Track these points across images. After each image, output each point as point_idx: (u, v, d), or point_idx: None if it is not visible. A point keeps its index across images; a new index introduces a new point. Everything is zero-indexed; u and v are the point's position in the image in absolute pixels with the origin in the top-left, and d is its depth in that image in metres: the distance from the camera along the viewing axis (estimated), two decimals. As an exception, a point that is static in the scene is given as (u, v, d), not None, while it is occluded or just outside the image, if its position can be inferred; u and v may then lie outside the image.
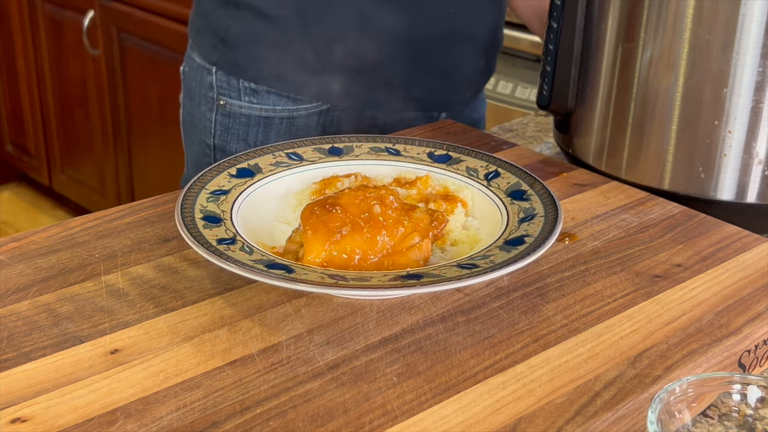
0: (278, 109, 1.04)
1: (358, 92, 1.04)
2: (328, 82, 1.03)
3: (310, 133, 1.06)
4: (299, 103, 1.04)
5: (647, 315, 0.64)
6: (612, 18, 0.85)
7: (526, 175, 0.76)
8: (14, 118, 3.03)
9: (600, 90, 0.87)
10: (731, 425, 0.55)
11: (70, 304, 0.63)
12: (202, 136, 1.10)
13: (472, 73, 1.13)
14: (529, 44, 1.85)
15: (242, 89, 1.04)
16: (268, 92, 1.04)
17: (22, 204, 3.17)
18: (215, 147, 1.08)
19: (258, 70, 1.04)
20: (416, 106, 1.08)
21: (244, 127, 1.06)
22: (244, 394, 0.54)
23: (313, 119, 1.05)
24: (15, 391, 0.54)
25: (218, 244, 0.64)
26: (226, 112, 1.06)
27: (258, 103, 1.04)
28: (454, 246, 0.70)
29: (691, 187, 0.83)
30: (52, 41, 2.71)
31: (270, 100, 1.04)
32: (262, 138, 1.05)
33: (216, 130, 1.08)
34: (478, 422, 0.53)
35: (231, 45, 1.04)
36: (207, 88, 1.07)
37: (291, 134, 1.05)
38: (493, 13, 1.10)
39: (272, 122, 1.05)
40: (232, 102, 1.05)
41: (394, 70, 1.04)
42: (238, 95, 1.05)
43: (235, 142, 1.07)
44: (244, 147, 1.06)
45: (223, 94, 1.06)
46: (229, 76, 1.05)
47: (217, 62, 1.06)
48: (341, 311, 0.63)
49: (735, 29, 0.78)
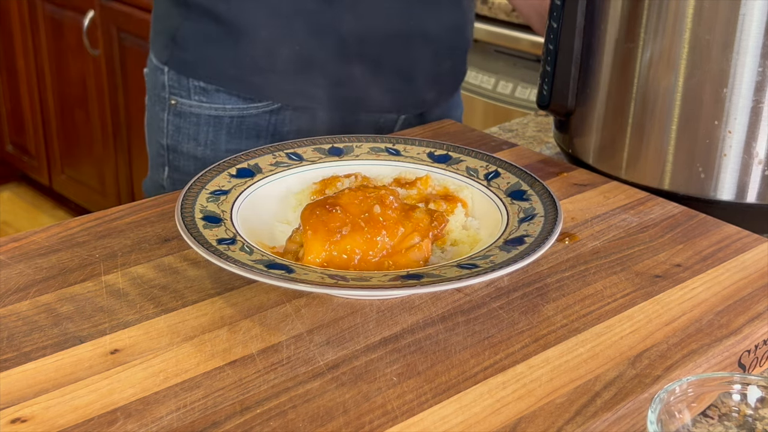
0: (228, 108, 1.03)
1: (309, 92, 1.03)
2: (277, 81, 1.02)
3: (260, 133, 1.05)
4: (249, 102, 1.03)
5: (647, 315, 0.64)
6: (612, 18, 0.85)
7: (526, 175, 0.76)
8: (14, 118, 3.03)
9: (600, 90, 0.87)
10: (731, 425, 0.55)
11: (70, 304, 0.63)
12: (157, 137, 1.09)
13: (434, 75, 1.10)
14: (529, 44, 1.85)
15: (192, 88, 1.04)
16: (217, 91, 1.03)
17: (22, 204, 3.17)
18: (168, 147, 1.07)
19: (207, 69, 1.03)
20: (372, 107, 1.07)
21: (195, 127, 1.05)
22: (244, 394, 0.54)
23: (264, 118, 1.04)
24: (15, 391, 0.54)
25: (218, 244, 0.64)
26: (177, 111, 1.05)
27: (208, 102, 1.04)
28: (454, 246, 0.70)
29: (691, 187, 0.83)
30: (52, 41, 2.71)
31: (220, 99, 1.03)
32: (212, 137, 1.04)
33: (168, 130, 1.07)
34: (478, 422, 0.53)
35: (181, 44, 1.04)
36: (160, 88, 1.07)
37: (242, 134, 1.04)
38: (452, 14, 1.08)
39: (222, 121, 1.04)
40: (182, 101, 1.05)
41: (346, 70, 1.03)
42: (189, 94, 1.04)
43: (186, 141, 1.06)
44: (194, 147, 1.05)
45: (174, 94, 1.05)
46: (180, 76, 1.04)
47: (167, 61, 1.05)
48: (341, 311, 0.63)
49: (735, 29, 0.78)
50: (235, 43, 1.00)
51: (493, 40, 1.93)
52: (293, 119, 1.04)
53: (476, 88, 1.98)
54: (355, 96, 1.05)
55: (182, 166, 1.06)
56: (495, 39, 1.92)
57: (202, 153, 1.05)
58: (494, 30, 1.92)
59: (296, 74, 1.02)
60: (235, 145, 1.04)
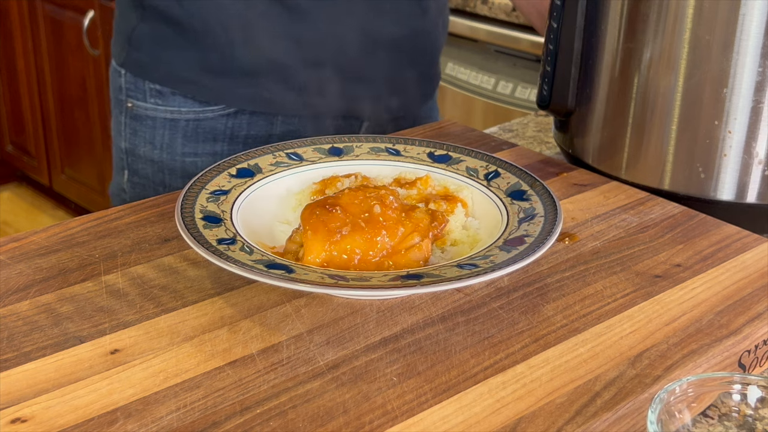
0: (184, 111, 1.02)
1: (265, 97, 1.02)
2: (233, 86, 1.01)
3: (217, 137, 1.03)
4: (206, 105, 1.02)
5: (647, 315, 0.64)
6: (612, 18, 0.85)
7: (526, 175, 0.76)
8: (14, 118, 3.03)
9: (600, 90, 0.87)
10: (731, 425, 0.55)
11: (70, 304, 0.63)
12: (117, 141, 1.08)
13: (397, 82, 1.08)
14: (529, 44, 1.85)
15: (148, 91, 1.03)
16: (173, 94, 1.02)
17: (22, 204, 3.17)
18: (126, 151, 1.06)
19: (162, 72, 1.02)
20: (330, 113, 1.05)
21: (151, 130, 1.03)
22: (244, 394, 0.54)
23: (220, 122, 1.03)
24: (15, 391, 0.54)
25: (218, 244, 0.64)
26: (134, 114, 1.04)
27: (164, 105, 1.02)
28: (454, 246, 0.70)
29: (691, 187, 0.83)
30: (52, 41, 2.71)
31: (176, 102, 1.02)
32: (168, 140, 1.03)
33: (126, 134, 1.06)
34: (478, 422, 0.53)
35: (136, 46, 1.03)
36: (118, 90, 1.06)
37: (198, 137, 1.03)
38: (416, 20, 1.06)
39: (178, 124, 1.03)
40: (138, 104, 1.03)
41: (304, 76, 1.01)
42: (144, 97, 1.03)
43: (143, 145, 1.04)
44: (151, 150, 1.04)
45: (131, 96, 1.04)
46: (136, 78, 1.03)
47: (123, 63, 1.04)
48: (341, 311, 0.63)
49: (735, 29, 0.78)
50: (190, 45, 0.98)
51: (493, 40, 1.93)
52: (251, 123, 1.03)
53: (476, 88, 1.98)
54: (313, 102, 1.03)
55: (140, 170, 1.05)
56: (495, 39, 1.92)
57: (159, 156, 1.03)
58: (494, 30, 1.92)
59: (252, 79, 1.00)
60: (192, 149, 1.02)
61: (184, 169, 1.03)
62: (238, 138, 1.03)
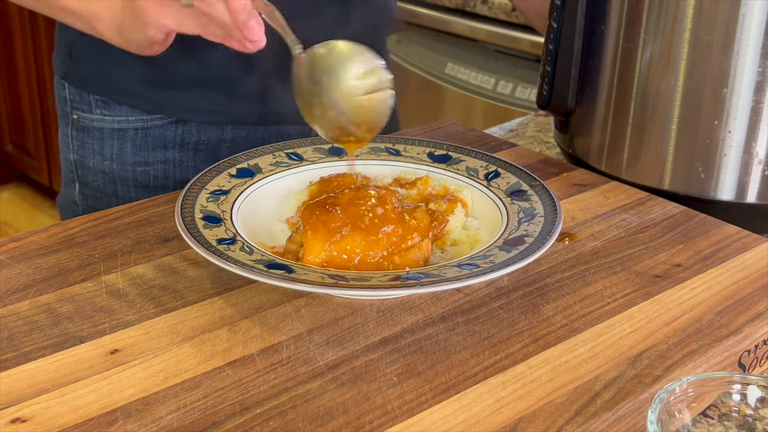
0: (131, 120, 1.00)
1: (207, 107, 1.00)
2: (175, 97, 0.99)
3: (167, 145, 1.01)
4: (153, 113, 1.00)
5: (647, 315, 0.64)
6: (612, 18, 0.85)
7: (526, 175, 0.76)
8: (14, 118, 3.03)
9: (600, 90, 0.87)
10: (731, 425, 0.55)
11: (70, 304, 0.63)
12: (65, 153, 1.06)
13: None
14: (529, 44, 1.85)
15: (93, 102, 1.01)
16: (119, 104, 1.00)
17: (22, 204, 3.17)
18: (75, 163, 1.05)
19: (105, 85, 1.00)
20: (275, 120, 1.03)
21: (99, 141, 1.02)
22: (244, 394, 0.54)
23: (169, 129, 1.01)
24: (15, 391, 0.54)
25: (218, 244, 0.64)
26: (80, 126, 1.03)
27: (110, 115, 1.01)
28: (454, 246, 0.70)
29: (691, 187, 0.83)
30: (52, 41, 2.71)
31: (122, 112, 1.00)
32: (117, 150, 1.01)
33: (73, 146, 1.04)
34: (478, 422, 0.53)
35: (78, 59, 1.02)
36: (63, 102, 1.04)
37: (148, 145, 1.01)
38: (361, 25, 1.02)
39: (126, 134, 1.01)
40: (84, 116, 1.02)
41: (244, 85, 0.99)
42: (90, 108, 1.01)
43: (92, 156, 1.03)
44: (100, 161, 1.02)
45: (76, 108, 1.02)
46: (80, 90, 1.02)
47: (65, 76, 1.03)
48: (341, 311, 0.63)
49: (735, 29, 0.78)
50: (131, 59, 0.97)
51: (493, 40, 1.93)
52: (200, 130, 1.01)
53: (476, 88, 1.98)
54: (257, 109, 1.01)
55: (91, 182, 1.04)
56: (495, 39, 1.92)
57: (109, 167, 1.02)
58: (494, 30, 1.92)
59: (194, 90, 0.99)
60: (142, 158, 1.01)
61: (135, 179, 1.01)
62: (189, 144, 1.01)
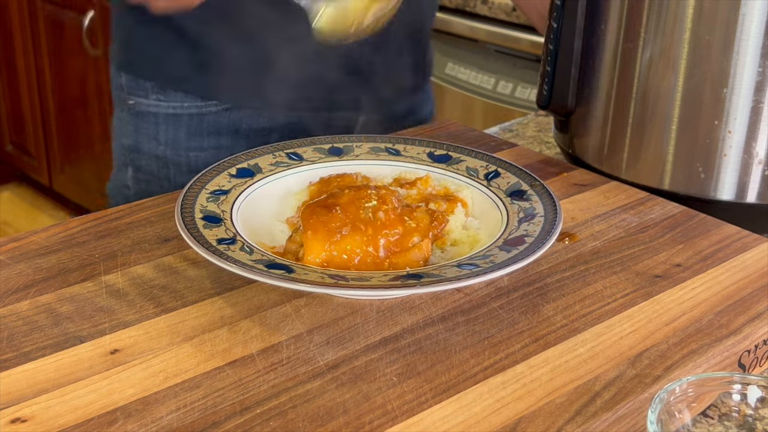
0: (186, 106, 1.03)
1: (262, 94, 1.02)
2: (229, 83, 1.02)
3: (221, 131, 1.05)
4: (208, 100, 1.03)
5: (647, 315, 0.64)
6: (612, 18, 0.85)
7: (526, 175, 0.76)
8: (14, 118, 3.03)
9: (600, 90, 0.87)
10: (731, 425, 0.55)
11: (70, 304, 0.63)
12: (119, 138, 1.09)
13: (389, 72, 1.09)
14: (529, 44, 1.85)
15: (150, 88, 1.04)
16: (174, 90, 1.03)
17: (22, 204, 3.17)
18: (130, 148, 1.08)
19: (160, 72, 1.03)
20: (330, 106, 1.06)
21: (154, 126, 1.05)
22: (244, 394, 0.54)
23: (224, 116, 1.04)
24: (15, 391, 0.54)
25: (218, 244, 0.64)
26: (136, 111, 1.05)
27: (166, 101, 1.03)
28: (454, 246, 0.70)
29: (691, 187, 0.83)
30: (52, 41, 2.71)
31: (177, 98, 1.03)
32: (172, 136, 1.04)
33: (128, 131, 1.07)
34: (478, 422, 0.53)
35: (134, 48, 1.05)
36: (119, 89, 1.07)
37: (202, 131, 1.04)
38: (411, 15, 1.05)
39: (181, 119, 1.04)
40: (140, 101, 1.05)
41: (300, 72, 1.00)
42: (146, 94, 1.04)
43: (147, 141, 1.06)
44: (155, 146, 1.05)
45: (132, 94, 1.05)
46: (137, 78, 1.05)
47: (122, 66, 1.06)
48: (341, 311, 0.63)
49: (735, 29, 0.78)
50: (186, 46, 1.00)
51: (493, 40, 1.93)
52: (252, 117, 1.04)
53: (476, 88, 1.98)
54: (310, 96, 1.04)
55: (144, 166, 1.07)
56: (495, 39, 1.92)
57: (163, 152, 1.05)
58: (494, 30, 1.92)
59: (249, 76, 1.01)
60: (196, 143, 1.04)
61: (188, 164, 1.04)
62: (241, 132, 1.04)
